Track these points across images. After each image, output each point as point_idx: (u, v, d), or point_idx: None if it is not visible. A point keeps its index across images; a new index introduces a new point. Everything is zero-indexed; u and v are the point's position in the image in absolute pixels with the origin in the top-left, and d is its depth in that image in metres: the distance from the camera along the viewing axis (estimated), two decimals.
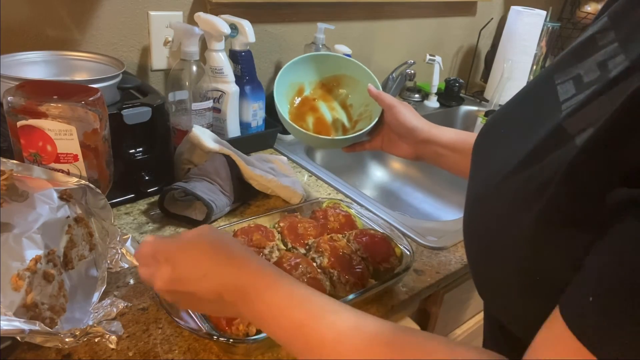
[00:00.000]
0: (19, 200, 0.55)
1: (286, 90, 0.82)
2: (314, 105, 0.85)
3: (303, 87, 0.85)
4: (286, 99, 0.83)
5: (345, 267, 0.66)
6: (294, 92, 0.84)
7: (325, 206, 0.83)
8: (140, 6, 0.96)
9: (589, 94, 0.35)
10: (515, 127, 0.44)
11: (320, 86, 0.86)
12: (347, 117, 0.85)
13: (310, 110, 0.84)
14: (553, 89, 0.41)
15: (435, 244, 0.82)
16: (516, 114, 0.46)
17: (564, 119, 0.36)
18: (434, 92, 1.52)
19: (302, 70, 0.83)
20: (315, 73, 0.85)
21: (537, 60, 1.71)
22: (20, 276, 0.50)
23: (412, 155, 0.77)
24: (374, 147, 0.82)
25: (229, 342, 0.54)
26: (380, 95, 0.75)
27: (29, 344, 0.52)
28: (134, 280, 0.66)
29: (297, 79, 0.83)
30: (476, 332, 1.03)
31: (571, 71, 0.40)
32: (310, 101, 0.85)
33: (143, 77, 1.02)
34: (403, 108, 0.74)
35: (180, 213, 0.80)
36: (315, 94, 0.85)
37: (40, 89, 0.63)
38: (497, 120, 0.49)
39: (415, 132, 0.73)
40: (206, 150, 0.85)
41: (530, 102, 0.44)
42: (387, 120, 0.76)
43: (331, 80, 0.86)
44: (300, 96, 0.84)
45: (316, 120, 0.83)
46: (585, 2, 1.88)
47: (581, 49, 0.40)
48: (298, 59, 0.81)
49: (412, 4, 1.46)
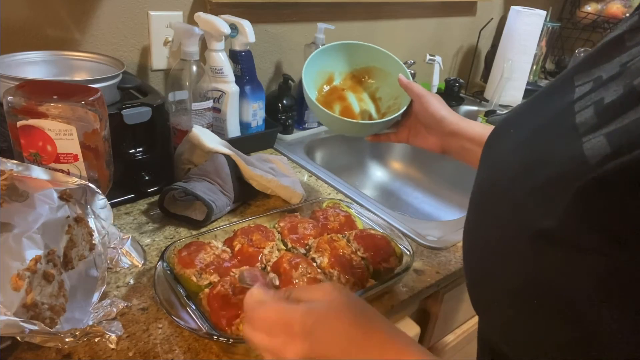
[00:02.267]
0: (19, 200, 0.55)
1: (314, 77, 0.81)
2: (343, 94, 0.84)
3: (333, 76, 0.84)
4: (314, 85, 0.82)
5: (345, 267, 0.66)
6: (322, 80, 0.83)
7: (325, 206, 0.83)
8: (140, 6, 0.96)
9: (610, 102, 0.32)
10: (525, 128, 0.42)
11: (350, 77, 0.85)
12: (375, 109, 0.85)
13: (338, 99, 0.83)
14: (572, 90, 0.38)
15: (435, 244, 0.82)
16: (528, 115, 0.44)
17: (578, 127, 0.33)
18: (434, 92, 1.52)
19: (333, 58, 0.82)
20: (346, 63, 0.84)
21: (537, 60, 1.71)
22: (20, 276, 0.50)
23: (439, 147, 0.75)
24: (399, 139, 0.80)
25: (229, 342, 0.54)
26: (410, 84, 0.74)
27: (29, 344, 0.52)
28: (134, 280, 0.66)
29: (326, 67, 0.82)
30: (476, 332, 1.02)
31: (593, 73, 0.37)
32: (338, 90, 0.84)
33: (143, 77, 1.02)
34: (432, 98, 0.73)
35: (180, 213, 0.80)
36: (344, 85, 0.85)
37: (40, 89, 0.63)
38: (510, 119, 0.47)
39: (443, 123, 0.72)
40: (206, 150, 0.85)
41: (545, 103, 0.42)
42: (416, 111, 0.75)
43: (361, 72, 0.85)
44: (330, 84, 0.84)
45: (343, 109, 0.82)
46: (585, 2, 1.88)
47: (607, 49, 0.37)
48: (329, 46, 0.80)
49: (412, 4, 1.46)
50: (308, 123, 1.22)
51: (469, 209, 0.45)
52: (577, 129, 0.33)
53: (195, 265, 0.63)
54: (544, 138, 0.37)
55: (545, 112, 0.40)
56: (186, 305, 0.58)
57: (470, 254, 0.45)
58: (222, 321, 0.56)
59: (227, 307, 0.57)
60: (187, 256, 0.64)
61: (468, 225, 0.46)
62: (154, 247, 0.74)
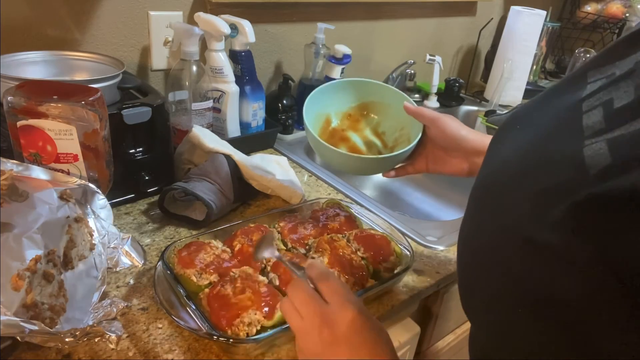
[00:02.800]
0: (19, 200, 0.55)
1: (314, 121, 0.77)
2: (345, 135, 0.80)
3: (330, 118, 0.80)
4: (316, 129, 0.77)
5: (345, 267, 0.66)
6: (321, 123, 0.79)
7: (325, 206, 0.83)
8: (140, 6, 0.96)
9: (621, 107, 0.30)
10: (531, 125, 0.40)
11: (347, 117, 0.81)
12: (381, 144, 0.80)
13: (341, 140, 0.79)
14: (583, 87, 0.36)
15: (435, 244, 0.82)
16: (537, 110, 0.41)
17: (584, 130, 0.31)
18: (434, 92, 1.52)
19: (326, 100, 0.78)
20: (340, 102, 0.80)
21: (537, 60, 1.71)
22: (20, 276, 0.50)
23: (466, 170, 0.70)
24: (418, 170, 0.75)
25: (229, 342, 0.54)
26: (420, 110, 0.70)
27: (29, 344, 0.52)
28: (134, 280, 0.66)
29: (321, 109, 0.78)
30: None
31: (607, 69, 0.35)
32: (339, 132, 0.80)
33: (143, 77, 1.02)
34: (447, 119, 0.69)
35: (180, 213, 0.80)
36: (342, 125, 0.80)
37: (40, 89, 0.63)
38: (518, 114, 0.45)
39: (465, 142, 0.67)
40: (206, 150, 0.85)
41: (555, 98, 0.39)
42: (432, 136, 0.70)
43: (359, 109, 0.81)
44: (329, 127, 0.80)
45: (349, 149, 0.78)
46: (585, 2, 1.88)
47: (623, 45, 0.35)
48: (319, 89, 0.76)
49: (412, 4, 1.46)
50: None
51: (467, 205, 0.44)
52: (582, 131, 0.32)
53: (195, 265, 0.63)
54: (547, 137, 0.36)
55: (553, 108, 0.38)
56: (186, 305, 0.58)
57: (462, 251, 0.44)
58: (222, 321, 0.56)
59: (227, 307, 0.57)
60: (187, 256, 0.64)
61: (463, 223, 0.45)
62: (154, 247, 0.74)
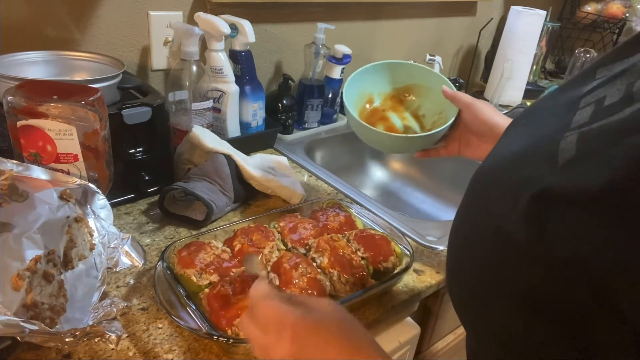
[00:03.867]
0: (19, 200, 0.55)
1: (354, 99, 0.79)
2: (384, 115, 0.82)
3: (372, 97, 0.82)
4: (355, 107, 0.80)
5: (345, 267, 0.66)
6: (363, 101, 0.81)
7: (325, 206, 0.83)
8: (140, 6, 0.96)
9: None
10: (534, 119, 0.40)
11: (390, 97, 0.83)
12: (419, 126, 0.82)
13: (380, 120, 0.81)
14: (590, 83, 0.36)
15: (435, 244, 0.82)
16: (544, 106, 0.41)
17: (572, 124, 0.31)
18: None
19: (371, 79, 0.80)
20: (385, 83, 0.82)
21: (537, 60, 1.71)
22: (20, 276, 0.50)
23: None
24: (450, 152, 0.77)
25: (229, 342, 0.54)
26: (457, 94, 0.72)
27: (29, 344, 0.52)
28: (134, 280, 0.66)
29: (366, 88, 0.80)
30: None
31: (615, 67, 0.34)
32: (379, 112, 0.82)
33: (143, 77, 1.02)
34: (482, 104, 0.71)
35: (180, 213, 0.80)
36: (385, 105, 0.82)
37: (40, 89, 0.63)
38: (529, 109, 0.44)
39: (497, 129, 0.68)
40: (206, 150, 0.85)
41: (562, 94, 0.39)
42: (466, 120, 0.72)
43: (402, 91, 0.83)
44: (370, 105, 0.82)
45: (387, 129, 0.80)
46: (585, 2, 1.88)
47: (634, 43, 0.35)
48: (367, 67, 0.78)
49: (412, 4, 1.46)
50: (308, 123, 1.22)
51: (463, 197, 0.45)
52: (570, 125, 0.32)
53: (195, 265, 0.63)
54: (541, 131, 0.36)
55: (557, 104, 0.38)
56: (186, 305, 0.58)
57: (451, 241, 0.45)
58: (222, 321, 0.56)
59: (227, 307, 0.57)
60: (187, 256, 0.64)
61: (455, 215, 0.45)
62: (154, 247, 0.74)
